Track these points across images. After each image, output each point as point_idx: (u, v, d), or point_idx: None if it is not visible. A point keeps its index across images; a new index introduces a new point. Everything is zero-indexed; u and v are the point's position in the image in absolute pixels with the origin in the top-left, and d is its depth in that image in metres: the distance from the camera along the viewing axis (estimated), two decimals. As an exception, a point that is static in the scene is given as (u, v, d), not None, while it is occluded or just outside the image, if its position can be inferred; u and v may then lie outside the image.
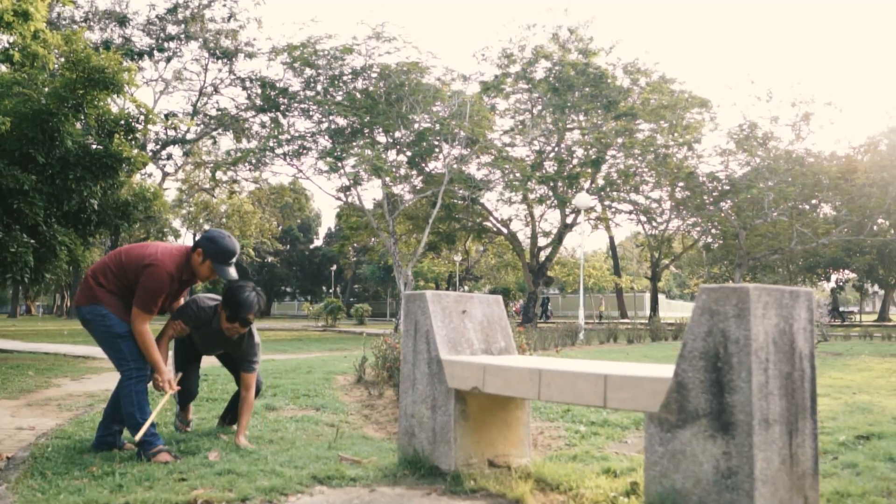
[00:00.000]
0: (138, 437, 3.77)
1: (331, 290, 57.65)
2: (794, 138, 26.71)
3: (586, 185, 26.18)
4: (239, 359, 4.37)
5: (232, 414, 4.76)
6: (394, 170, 22.21)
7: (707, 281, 38.65)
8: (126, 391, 3.88)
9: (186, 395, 4.60)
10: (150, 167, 27.85)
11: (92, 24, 26.02)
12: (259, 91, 23.77)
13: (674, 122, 25.26)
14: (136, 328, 3.83)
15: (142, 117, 11.37)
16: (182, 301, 4.32)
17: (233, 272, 3.96)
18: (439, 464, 3.46)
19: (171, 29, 26.47)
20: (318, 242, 61.88)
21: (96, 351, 13.09)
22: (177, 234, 45.23)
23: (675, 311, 50.07)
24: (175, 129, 26.70)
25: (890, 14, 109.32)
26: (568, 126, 25.94)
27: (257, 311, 4.13)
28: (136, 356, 3.88)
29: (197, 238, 4.07)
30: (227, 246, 3.94)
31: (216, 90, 27.56)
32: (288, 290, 62.74)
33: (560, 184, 24.97)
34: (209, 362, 4.95)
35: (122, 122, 10.89)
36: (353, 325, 32.48)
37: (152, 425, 3.84)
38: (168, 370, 3.98)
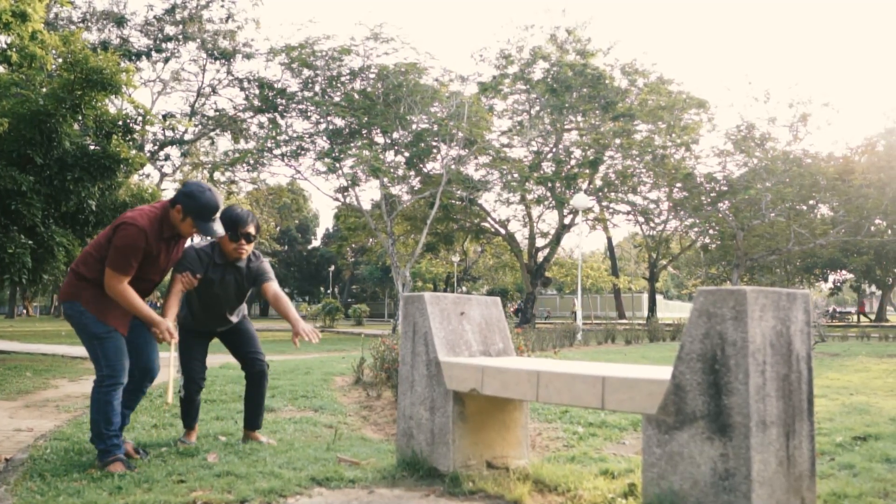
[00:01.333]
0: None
1: (329, 291, 57.64)
2: (792, 139, 26.78)
3: (584, 186, 26.21)
4: (257, 278, 4.20)
5: (251, 412, 4.39)
6: (392, 170, 22.23)
7: (705, 281, 38.68)
8: (95, 396, 3.61)
9: (191, 387, 4.26)
10: (148, 168, 27.76)
11: (90, 24, 25.98)
12: (257, 92, 23.78)
13: (671, 123, 25.30)
14: (113, 289, 3.51)
15: (140, 118, 11.37)
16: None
17: (219, 228, 3.70)
18: (438, 465, 3.47)
19: (169, 30, 26.42)
20: (316, 243, 61.89)
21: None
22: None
23: (672, 311, 50.14)
24: (173, 129, 26.63)
25: (887, 15, 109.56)
26: (566, 127, 25.97)
27: (253, 221, 4.03)
28: (112, 361, 3.59)
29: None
30: (208, 201, 3.61)
31: (214, 91, 27.51)
32: (286, 290, 62.54)
33: (558, 184, 24.99)
34: (209, 363, 4.95)
35: (120, 122, 10.89)
36: (351, 326, 32.48)
37: (116, 434, 3.61)
38: (164, 320, 3.68)
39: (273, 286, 4.19)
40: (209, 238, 4.02)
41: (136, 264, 3.53)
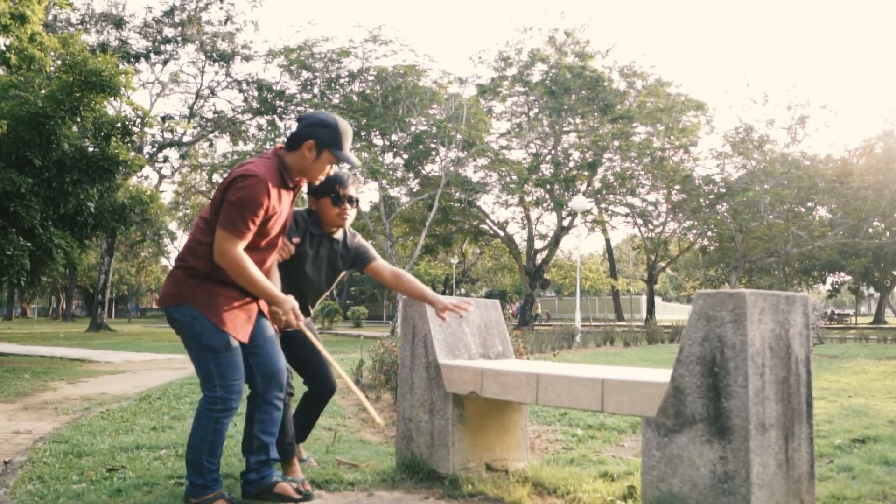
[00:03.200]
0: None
1: (327, 293, 57.56)
2: (790, 141, 26.85)
3: (583, 188, 26.25)
4: (358, 257, 3.55)
5: (303, 428, 3.70)
6: (390, 172, 22.25)
7: (703, 284, 38.74)
8: (203, 419, 2.92)
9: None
10: (147, 170, 27.82)
11: (88, 26, 26.01)
12: (256, 94, 23.81)
13: (670, 125, 25.35)
14: (226, 254, 2.78)
15: (138, 120, 11.39)
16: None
17: (355, 157, 3.05)
18: (437, 468, 3.47)
19: (168, 31, 26.46)
20: (314, 244, 61.76)
21: (93, 354, 13.06)
22: (173, 237, 45.19)
23: (671, 313, 50.15)
24: (172, 131, 26.68)
25: (885, 18, 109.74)
26: (564, 129, 26.01)
27: (356, 181, 3.45)
28: (228, 380, 2.88)
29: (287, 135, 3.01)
30: (342, 123, 2.99)
31: (213, 93, 27.55)
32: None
33: (556, 186, 25.02)
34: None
35: (119, 124, 10.92)
36: (349, 328, 32.46)
37: (217, 468, 2.96)
38: (289, 297, 2.96)
39: (386, 265, 3.52)
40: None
41: (254, 226, 2.83)
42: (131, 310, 63.02)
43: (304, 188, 3.33)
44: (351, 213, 3.41)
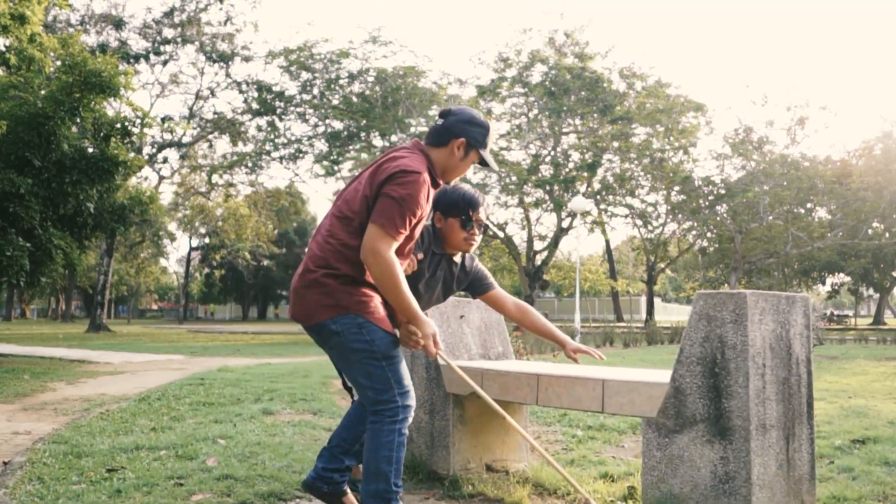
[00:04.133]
0: None
1: (327, 294, 57.49)
2: (790, 142, 26.86)
3: (582, 189, 26.23)
4: (475, 282, 3.31)
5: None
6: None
7: (703, 284, 38.75)
8: (386, 437, 2.54)
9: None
10: (146, 171, 27.83)
11: (88, 27, 26.03)
12: (255, 95, 23.81)
13: (669, 126, 25.34)
14: (381, 254, 2.44)
15: (138, 121, 11.40)
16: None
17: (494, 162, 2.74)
18: (437, 468, 3.47)
19: (168, 32, 26.49)
20: (314, 246, 61.72)
21: (92, 354, 13.04)
22: (172, 237, 45.16)
23: (670, 314, 50.14)
24: (171, 132, 26.70)
25: (884, 19, 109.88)
26: (564, 130, 26.00)
27: (486, 206, 3.19)
28: (403, 386, 2.56)
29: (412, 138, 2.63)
30: (489, 125, 2.76)
31: (212, 93, 27.55)
32: (284, 293, 62.81)
33: (556, 187, 25.02)
34: (208, 366, 4.92)
35: (119, 125, 10.92)
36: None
37: (401, 489, 2.58)
38: (431, 321, 2.64)
39: (508, 295, 3.33)
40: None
41: (410, 227, 2.54)
42: (123, 311, 62.55)
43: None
44: (477, 239, 3.15)
